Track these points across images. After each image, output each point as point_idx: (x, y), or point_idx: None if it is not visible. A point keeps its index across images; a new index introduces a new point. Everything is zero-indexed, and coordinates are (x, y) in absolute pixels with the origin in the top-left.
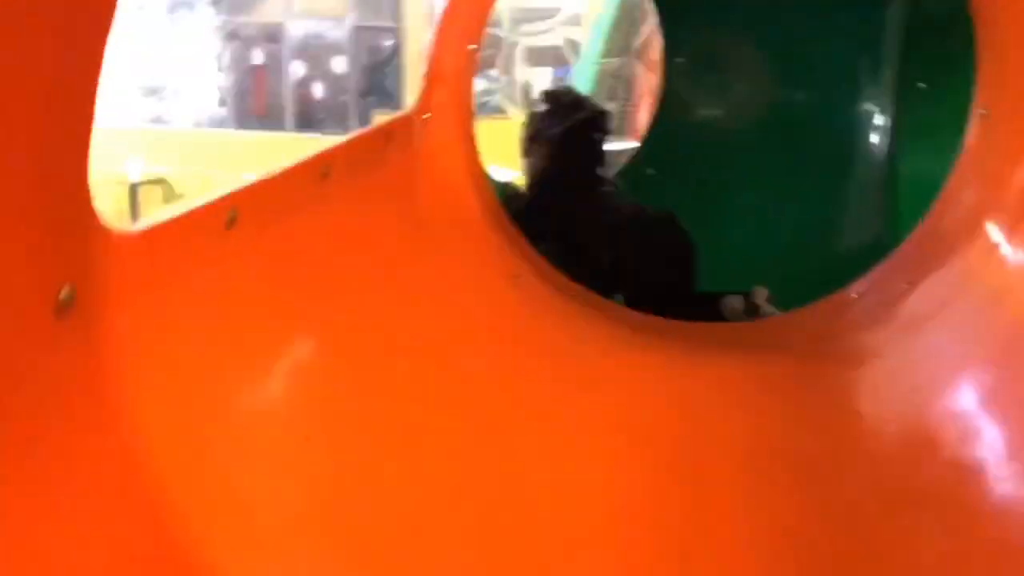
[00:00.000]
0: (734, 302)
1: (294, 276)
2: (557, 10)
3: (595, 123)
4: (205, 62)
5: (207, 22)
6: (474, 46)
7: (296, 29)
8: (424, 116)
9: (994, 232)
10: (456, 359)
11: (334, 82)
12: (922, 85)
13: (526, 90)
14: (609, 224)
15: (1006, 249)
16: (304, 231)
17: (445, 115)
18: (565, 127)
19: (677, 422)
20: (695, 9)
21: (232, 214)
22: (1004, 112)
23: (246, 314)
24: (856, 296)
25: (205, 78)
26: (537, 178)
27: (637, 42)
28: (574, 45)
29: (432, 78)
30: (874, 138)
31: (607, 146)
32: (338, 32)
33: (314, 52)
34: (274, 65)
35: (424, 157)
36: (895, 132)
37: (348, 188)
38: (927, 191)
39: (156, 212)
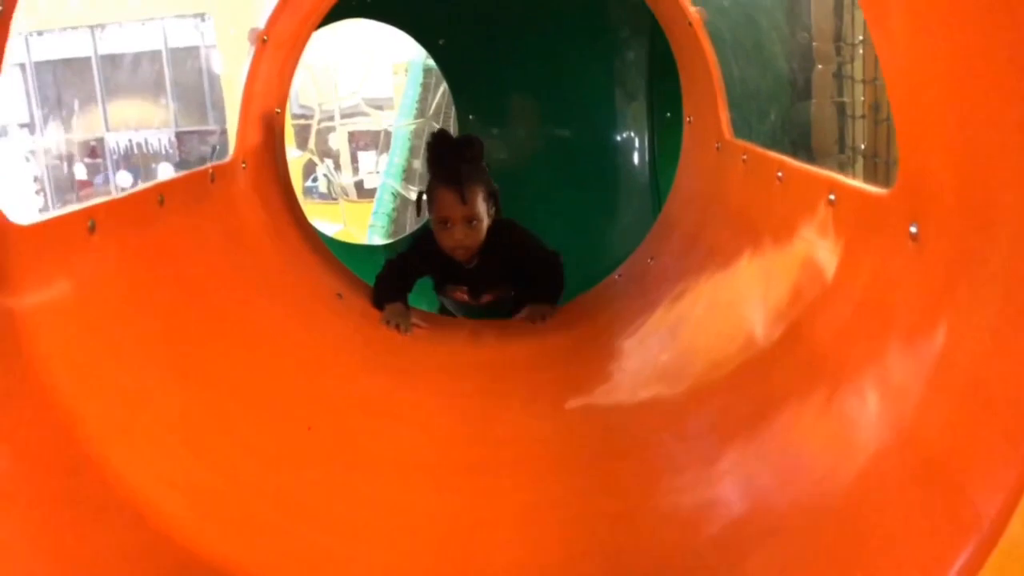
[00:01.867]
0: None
1: (142, 272)
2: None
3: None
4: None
5: (20, 145)
6: (279, 109)
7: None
8: (242, 164)
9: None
10: (281, 354)
11: None
12: (668, 114)
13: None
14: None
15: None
16: (149, 240)
17: (261, 164)
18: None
19: (475, 381)
20: (476, 75)
21: (92, 222)
22: (699, 117)
23: (109, 294)
24: (618, 277)
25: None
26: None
27: (432, 107)
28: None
29: (244, 134)
30: (635, 159)
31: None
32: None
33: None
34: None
35: (246, 196)
36: (653, 152)
37: (180, 213)
38: None
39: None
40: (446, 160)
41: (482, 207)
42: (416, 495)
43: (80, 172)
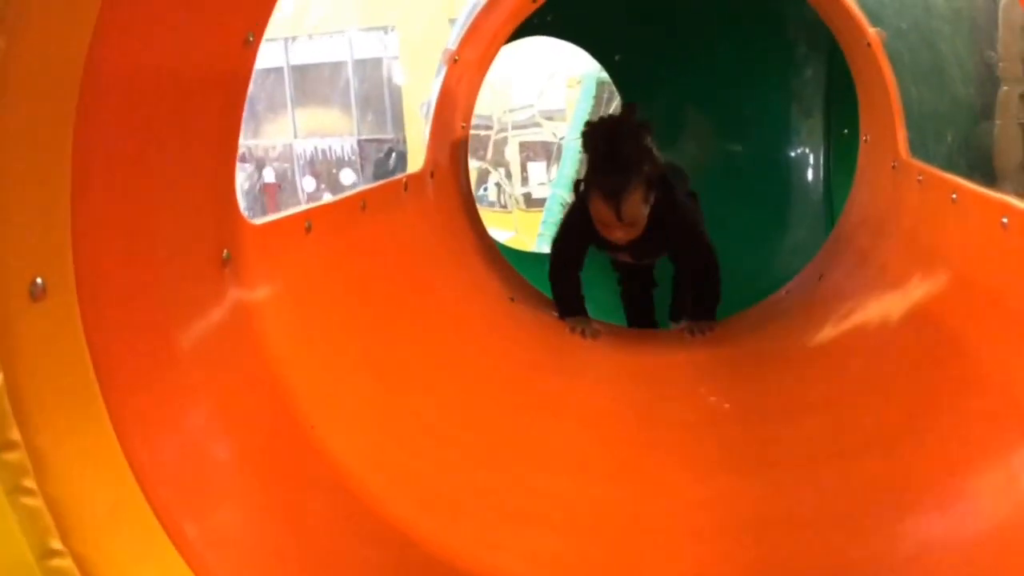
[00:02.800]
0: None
1: (347, 268)
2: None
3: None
4: None
5: None
6: (464, 124)
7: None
8: (430, 175)
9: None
10: (461, 351)
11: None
12: (845, 131)
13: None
14: None
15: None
16: (353, 240)
17: (446, 175)
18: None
19: (639, 386)
20: (649, 87)
21: (308, 223)
22: (876, 137)
23: (321, 286)
24: (786, 293)
25: None
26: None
27: None
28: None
29: (433, 147)
30: (809, 175)
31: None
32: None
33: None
34: (286, 182)
35: (432, 205)
36: (827, 169)
37: (379, 218)
38: None
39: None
40: (605, 167)
41: (640, 209)
42: (584, 488)
43: (269, 176)
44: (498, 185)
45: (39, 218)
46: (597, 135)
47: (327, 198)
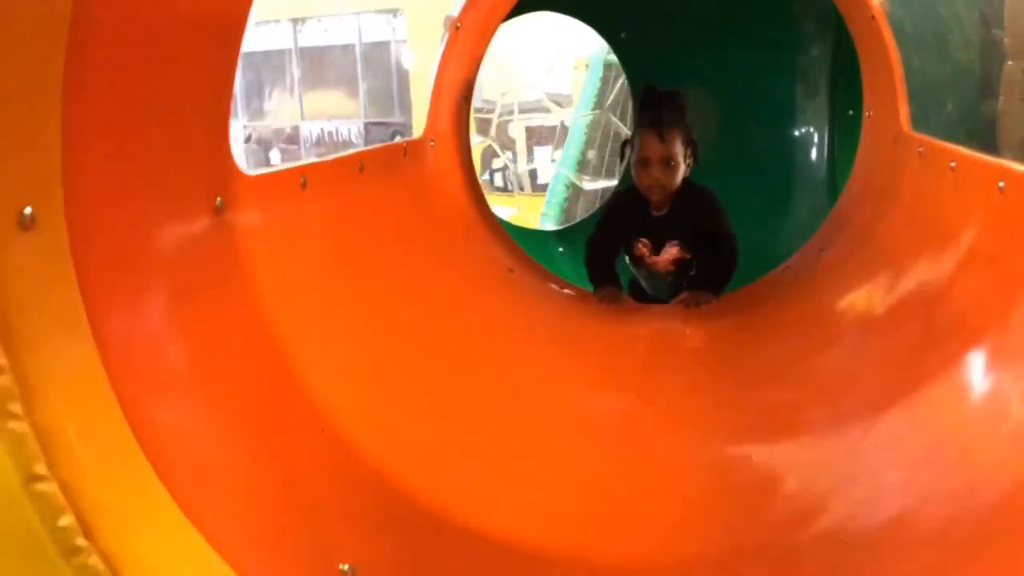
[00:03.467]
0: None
1: (343, 225)
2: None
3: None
4: None
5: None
6: (467, 94)
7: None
8: (430, 143)
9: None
10: (457, 314)
11: None
12: (850, 112)
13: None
14: None
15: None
16: (349, 200)
17: (447, 144)
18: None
19: (635, 355)
20: (655, 66)
21: (304, 179)
22: (879, 112)
23: (314, 240)
24: (786, 269)
25: None
26: None
27: (610, 100)
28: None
29: (434, 115)
30: (813, 154)
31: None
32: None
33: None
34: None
35: (432, 172)
36: (832, 149)
37: (377, 180)
38: None
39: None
40: (651, 107)
41: (679, 151)
42: (579, 450)
43: (275, 157)
44: (504, 168)
45: (28, 146)
46: (645, 91)
47: None
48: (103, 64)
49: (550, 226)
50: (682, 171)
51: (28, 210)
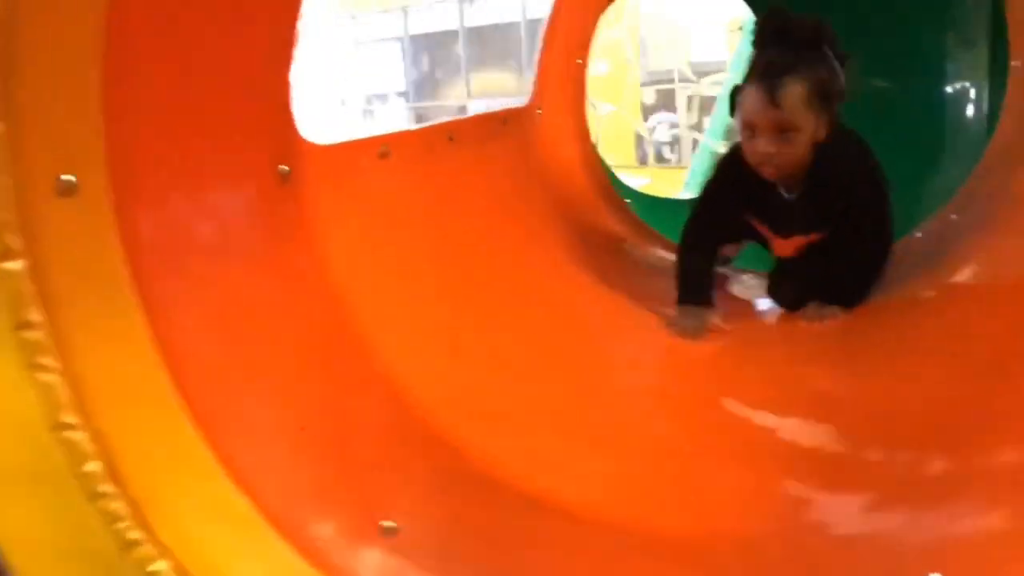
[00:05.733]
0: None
1: (428, 196)
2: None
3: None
4: None
5: (400, 110)
6: (580, 59)
7: (477, 107)
8: (537, 111)
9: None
10: (548, 284)
11: None
12: (1015, 63)
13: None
14: None
15: None
16: (436, 170)
17: (557, 111)
18: None
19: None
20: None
21: (384, 149)
22: None
23: (394, 209)
24: (920, 235)
25: None
26: None
27: None
28: None
29: (542, 80)
30: (970, 112)
31: None
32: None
33: None
34: None
35: (537, 142)
36: (993, 107)
37: (469, 151)
38: None
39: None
40: (766, 46)
41: (803, 114)
42: (646, 419)
43: None
44: (672, 136)
45: (66, 109)
46: (763, 21)
47: None
48: (147, 18)
49: (690, 196)
50: (810, 140)
51: (69, 177)
